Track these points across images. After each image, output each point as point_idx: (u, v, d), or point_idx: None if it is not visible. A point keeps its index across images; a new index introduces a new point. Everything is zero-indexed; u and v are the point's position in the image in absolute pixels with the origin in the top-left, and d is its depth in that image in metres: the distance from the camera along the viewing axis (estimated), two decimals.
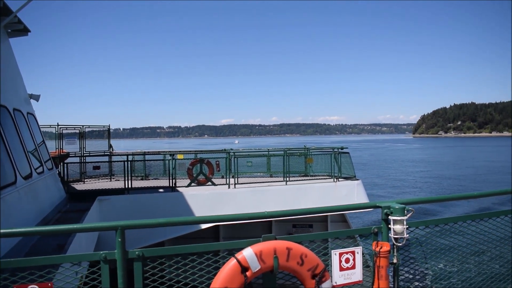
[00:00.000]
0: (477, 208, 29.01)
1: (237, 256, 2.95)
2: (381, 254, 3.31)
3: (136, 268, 2.85)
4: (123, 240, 2.80)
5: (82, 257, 2.79)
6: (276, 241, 3.08)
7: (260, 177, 18.46)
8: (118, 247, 2.78)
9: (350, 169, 17.09)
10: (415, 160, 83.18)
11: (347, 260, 3.34)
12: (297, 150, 20.02)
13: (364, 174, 55.02)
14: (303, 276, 3.12)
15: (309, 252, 3.14)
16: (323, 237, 3.42)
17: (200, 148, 29.67)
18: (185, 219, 3.09)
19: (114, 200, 13.08)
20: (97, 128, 19.62)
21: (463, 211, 28.08)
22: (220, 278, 2.90)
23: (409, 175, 53.90)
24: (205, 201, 14.16)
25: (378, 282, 3.35)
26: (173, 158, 14.78)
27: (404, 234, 3.35)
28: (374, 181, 47.70)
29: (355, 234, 3.54)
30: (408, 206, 3.41)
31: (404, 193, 39.11)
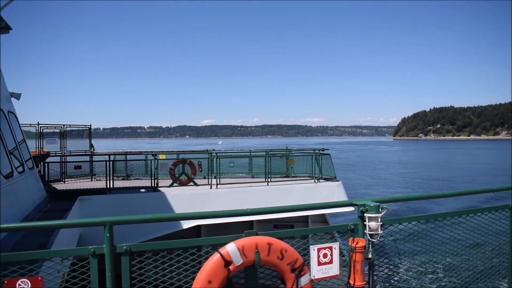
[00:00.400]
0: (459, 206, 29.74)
1: (221, 251, 3.09)
2: (357, 249, 3.50)
3: (124, 263, 2.97)
4: (111, 235, 2.92)
5: (71, 251, 2.90)
6: (258, 236, 3.23)
7: (242, 177, 18.63)
8: (107, 242, 2.90)
9: (330, 170, 17.35)
10: (401, 161, 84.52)
11: (325, 255, 3.51)
12: (278, 151, 20.23)
13: (355, 175, 56.43)
14: (283, 270, 3.28)
15: (288, 247, 3.30)
16: (302, 233, 3.58)
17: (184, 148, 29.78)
18: (171, 215, 3.23)
19: (96, 200, 13.06)
20: (78, 128, 19.50)
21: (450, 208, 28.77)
22: (204, 272, 3.04)
23: (399, 176, 54.82)
24: (187, 201, 14.23)
25: (354, 276, 3.54)
26: (155, 158, 14.82)
27: (378, 230, 3.54)
28: (366, 182, 48.61)
29: (333, 230, 3.72)
30: (382, 204, 3.61)
31: (397, 193, 39.74)
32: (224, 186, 15.19)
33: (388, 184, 46.63)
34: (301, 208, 3.62)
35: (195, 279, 3.05)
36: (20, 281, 2.69)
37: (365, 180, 50.04)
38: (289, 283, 3.30)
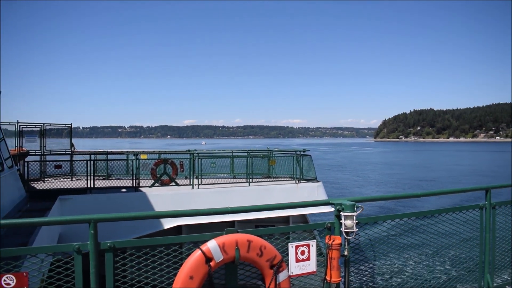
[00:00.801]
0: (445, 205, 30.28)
1: (202, 247, 3.19)
2: (333, 246, 3.65)
3: (107, 259, 3.05)
4: (96, 232, 3.00)
5: (56, 248, 2.97)
6: (238, 234, 3.35)
7: (224, 178, 18.73)
8: (91, 238, 2.98)
9: (311, 171, 17.56)
10: (388, 163, 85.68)
11: (303, 252, 3.65)
12: (260, 152, 20.38)
13: (345, 175, 57.18)
14: (262, 266, 3.41)
15: (268, 244, 3.43)
16: (281, 231, 3.71)
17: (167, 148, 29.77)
18: (154, 213, 3.32)
19: (76, 199, 12.98)
20: (58, 127, 19.31)
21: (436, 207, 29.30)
22: (186, 268, 3.14)
23: (388, 177, 55.49)
24: (169, 201, 14.25)
25: (331, 272, 3.68)
26: (137, 158, 14.79)
27: (354, 228, 3.69)
28: (358, 183, 49.16)
29: (310, 228, 3.86)
30: (358, 204, 3.77)
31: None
32: (205, 186, 15.25)
33: (379, 184, 47.30)
34: (280, 207, 3.75)
35: (177, 275, 3.14)
36: (5, 277, 2.75)
37: (356, 181, 50.69)
38: (268, 279, 3.42)
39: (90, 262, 2.97)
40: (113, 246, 3.04)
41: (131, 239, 3.21)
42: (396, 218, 4.23)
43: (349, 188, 43.32)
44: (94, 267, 2.98)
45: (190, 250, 3.26)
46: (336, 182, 48.05)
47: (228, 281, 3.38)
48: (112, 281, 3.08)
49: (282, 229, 3.71)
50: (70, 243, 2.94)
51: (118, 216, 3.17)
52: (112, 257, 3.06)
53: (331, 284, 3.74)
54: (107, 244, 3.03)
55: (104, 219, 3.07)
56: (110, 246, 3.04)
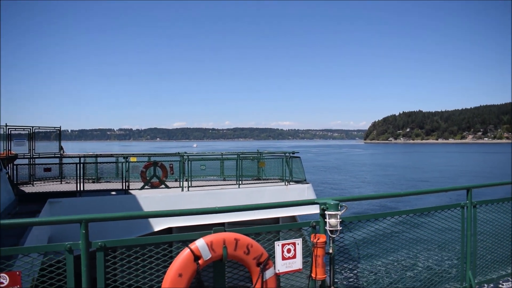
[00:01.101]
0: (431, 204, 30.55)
1: (190, 246, 3.30)
2: (318, 244, 3.77)
3: (98, 258, 3.14)
4: (87, 232, 3.09)
5: (48, 247, 3.05)
6: (226, 233, 3.46)
7: (214, 180, 18.81)
8: (82, 238, 3.07)
9: (300, 173, 17.70)
10: (381, 164, 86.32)
11: (289, 250, 3.76)
12: (250, 154, 20.49)
13: (342, 177, 57.55)
14: (249, 264, 3.52)
15: (254, 243, 3.54)
16: (267, 230, 3.82)
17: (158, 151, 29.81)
18: (144, 213, 3.41)
19: (66, 202, 12.98)
20: (47, 130, 19.24)
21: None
22: (175, 266, 3.24)
23: (384, 178, 55.99)
24: (158, 203, 14.30)
25: (316, 270, 3.80)
26: (127, 160, 14.82)
27: (338, 227, 3.82)
28: (355, 184, 49.60)
29: (296, 227, 3.97)
30: (342, 203, 3.89)
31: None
32: (195, 188, 15.32)
33: (376, 185, 47.73)
34: (265, 207, 3.86)
35: (166, 273, 3.24)
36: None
37: (354, 182, 51.16)
38: (255, 276, 3.53)
39: (82, 261, 3.06)
40: (104, 246, 3.13)
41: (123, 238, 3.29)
42: (379, 217, 4.36)
43: (348, 189, 43.83)
44: (86, 266, 3.07)
45: (179, 249, 3.35)
46: (334, 183, 48.55)
47: (216, 279, 3.48)
48: (103, 280, 3.17)
49: (268, 228, 3.82)
50: (61, 243, 3.02)
51: (109, 216, 3.26)
52: (103, 256, 3.15)
53: (316, 281, 3.86)
54: (98, 243, 3.12)
55: (95, 219, 3.15)
56: (101, 246, 3.13)
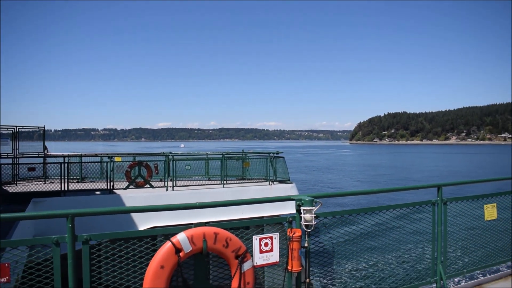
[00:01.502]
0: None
1: (172, 239, 3.47)
2: (294, 238, 3.98)
3: (84, 251, 3.31)
4: (73, 225, 3.25)
5: (35, 240, 3.20)
6: (206, 227, 3.64)
7: (199, 180, 18.94)
8: (69, 232, 3.23)
9: (284, 173, 17.94)
10: (372, 164, 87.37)
11: (266, 244, 3.97)
12: (235, 154, 20.67)
13: (336, 176, 58.57)
14: (228, 257, 3.71)
15: (233, 237, 3.73)
16: (244, 225, 4.02)
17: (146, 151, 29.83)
18: (128, 208, 3.58)
19: (50, 202, 12.99)
20: (30, 129, 19.15)
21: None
22: (157, 258, 3.42)
23: (378, 178, 56.89)
24: (143, 203, 14.37)
25: (292, 262, 4.02)
26: (111, 160, 14.88)
27: (312, 221, 4.04)
28: (350, 183, 50.36)
29: (272, 222, 4.18)
30: (316, 199, 4.11)
31: None
32: (180, 188, 15.43)
33: (371, 184, 48.52)
34: (243, 202, 4.07)
35: (149, 265, 3.41)
36: None
37: (348, 181, 52.06)
38: (233, 268, 3.72)
39: (68, 254, 3.21)
40: (89, 239, 3.30)
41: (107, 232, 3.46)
42: (353, 213, 4.59)
43: (345, 188, 44.48)
44: (72, 258, 3.23)
45: (161, 242, 3.53)
46: (330, 183, 49.20)
47: (196, 270, 3.66)
48: (88, 272, 3.33)
49: (246, 222, 4.02)
50: (48, 236, 3.18)
51: (95, 211, 3.42)
52: (88, 249, 3.31)
53: (292, 273, 4.07)
54: (83, 236, 3.29)
55: (81, 214, 3.32)
56: (87, 239, 3.30)
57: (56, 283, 3.23)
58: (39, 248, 3.18)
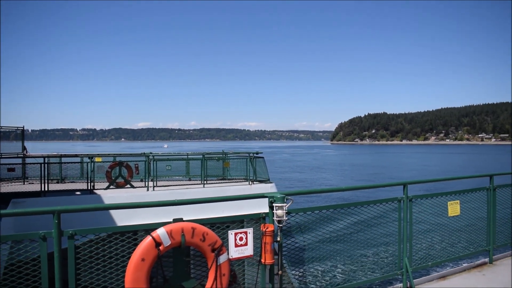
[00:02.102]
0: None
1: (152, 234, 3.72)
2: (267, 233, 4.27)
3: (70, 245, 3.53)
4: (59, 221, 3.47)
5: (23, 236, 3.41)
6: (184, 222, 3.90)
7: (179, 180, 19.12)
8: (55, 227, 3.45)
9: (264, 173, 18.24)
10: (361, 164, 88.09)
11: (241, 239, 4.25)
12: (215, 155, 20.91)
13: (330, 175, 59.25)
14: (204, 250, 3.97)
15: (210, 231, 4.00)
16: (221, 221, 4.29)
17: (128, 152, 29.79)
18: (114, 205, 3.81)
19: (30, 202, 13.01)
20: (8, 129, 19.03)
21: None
22: (138, 252, 3.66)
23: (372, 177, 57.47)
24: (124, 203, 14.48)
25: (265, 256, 4.31)
26: (92, 161, 14.96)
27: (284, 217, 4.33)
28: (345, 181, 51.04)
29: (248, 218, 4.46)
30: (288, 196, 4.42)
31: None
32: (161, 188, 15.59)
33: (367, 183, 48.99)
34: (221, 199, 4.36)
35: (130, 258, 3.65)
36: None
37: (343, 180, 52.84)
38: (210, 261, 3.99)
39: (54, 248, 3.43)
40: (75, 234, 3.53)
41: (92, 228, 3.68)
42: (323, 209, 4.91)
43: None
44: (58, 252, 3.45)
45: (142, 237, 3.78)
46: (326, 182, 49.84)
47: (175, 263, 3.92)
48: (73, 265, 3.56)
49: (222, 219, 4.29)
50: (36, 232, 3.39)
51: (80, 208, 3.66)
52: (73, 243, 3.54)
53: (266, 265, 4.36)
54: (69, 232, 3.51)
55: (67, 210, 3.55)
56: (72, 234, 3.53)
57: (43, 278, 3.45)
58: (27, 243, 3.39)
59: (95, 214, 13.65)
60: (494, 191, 7.09)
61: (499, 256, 7.24)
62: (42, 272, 3.43)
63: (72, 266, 3.55)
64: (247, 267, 4.62)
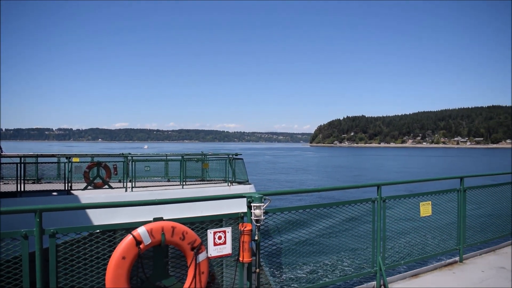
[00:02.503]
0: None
1: (133, 233, 3.81)
2: (245, 232, 4.40)
3: (51, 243, 3.59)
4: (41, 220, 3.53)
5: (4, 234, 3.46)
6: (164, 221, 4.00)
7: (158, 181, 19.08)
8: (37, 226, 3.51)
9: (243, 174, 18.37)
10: (345, 165, 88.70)
11: (220, 238, 4.36)
12: (194, 156, 20.93)
13: (316, 176, 59.85)
14: (184, 249, 4.07)
15: (189, 230, 4.10)
16: (199, 220, 4.39)
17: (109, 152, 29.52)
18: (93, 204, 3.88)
19: (6, 203, 12.81)
20: None
21: None
22: (119, 250, 3.74)
23: (359, 178, 58.08)
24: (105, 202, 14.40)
25: (243, 254, 4.44)
26: (69, 161, 14.82)
27: (261, 217, 4.47)
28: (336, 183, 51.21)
29: (226, 217, 4.58)
30: (266, 196, 4.55)
31: None
32: (139, 189, 15.55)
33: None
34: (200, 199, 4.47)
35: (111, 256, 3.72)
36: None
37: (331, 181, 53.40)
38: (189, 259, 4.09)
39: (36, 246, 3.49)
40: (56, 232, 3.59)
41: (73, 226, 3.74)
42: (299, 209, 5.06)
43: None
44: (39, 249, 3.51)
45: (122, 236, 3.86)
46: (314, 183, 50.22)
47: (155, 261, 4.01)
48: (54, 263, 3.62)
49: (201, 218, 4.40)
50: (17, 230, 3.45)
51: (61, 207, 3.72)
52: (55, 241, 3.60)
53: (244, 264, 4.49)
54: (50, 230, 3.57)
55: (49, 209, 3.61)
56: (54, 232, 3.59)
57: (25, 277, 3.49)
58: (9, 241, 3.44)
59: (75, 214, 13.53)
60: (464, 193, 7.37)
61: (469, 255, 7.54)
62: (23, 271, 3.48)
63: (53, 265, 3.61)
64: (225, 265, 4.74)
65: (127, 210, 14.54)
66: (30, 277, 3.48)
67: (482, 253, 7.72)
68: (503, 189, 8.29)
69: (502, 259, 7.37)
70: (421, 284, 6.07)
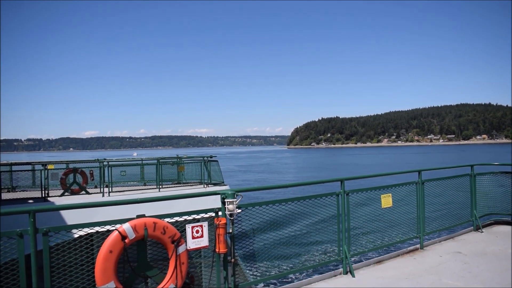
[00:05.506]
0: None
1: (118, 229, 4.22)
2: (220, 225, 4.86)
3: (44, 241, 3.97)
4: (34, 220, 3.91)
5: (1, 233, 3.82)
6: (146, 218, 4.42)
7: (135, 186, 19.31)
8: (31, 225, 3.88)
9: (218, 176, 18.80)
10: (332, 164, 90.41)
11: (197, 231, 4.81)
12: (169, 159, 21.22)
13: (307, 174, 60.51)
14: (165, 242, 4.51)
15: (169, 225, 4.54)
16: (178, 216, 4.82)
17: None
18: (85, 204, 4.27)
19: None
20: None
21: None
22: (106, 244, 4.14)
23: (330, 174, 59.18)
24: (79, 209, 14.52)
25: (219, 245, 4.89)
26: (45, 168, 14.94)
27: (235, 211, 4.94)
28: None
29: (202, 213, 5.02)
30: (238, 193, 5.02)
31: None
32: (116, 194, 15.77)
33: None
34: (178, 197, 4.93)
35: (100, 250, 4.12)
36: None
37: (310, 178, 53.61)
38: (170, 251, 4.53)
39: (30, 243, 3.86)
40: (49, 231, 3.97)
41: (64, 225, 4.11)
42: (270, 204, 5.55)
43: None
44: (34, 247, 3.87)
45: (110, 231, 4.26)
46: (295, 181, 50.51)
47: (139, 254, 4.43)
48: (48, 260, 3.99)
49: (179, 214, 4.83)
50: (13, 230, 3.82)
51: (54, 207, 4.10)
52: (48, 239, 3.98)
53: (220, 254, 4.95)
54: (43, 229, 3.95)
55: (42, 210, 3.99)
56: (47, 231, 3.97)
57: (21, 274, 3.85)
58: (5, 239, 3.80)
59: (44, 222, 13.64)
60: (422, 185, 8.00)
61: (429, 242, 8.19)
62: (20, 270, 3.83)
63: (47, 263, 3.98)
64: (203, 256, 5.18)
65: (109, 211, 14.74)
66: (26, 277, 3.81)
67: (442, 240, 8.38)
68: (462, 180, 8.98)
69: (460, 245, 8.03)
70: (385, 270, 6.63)
